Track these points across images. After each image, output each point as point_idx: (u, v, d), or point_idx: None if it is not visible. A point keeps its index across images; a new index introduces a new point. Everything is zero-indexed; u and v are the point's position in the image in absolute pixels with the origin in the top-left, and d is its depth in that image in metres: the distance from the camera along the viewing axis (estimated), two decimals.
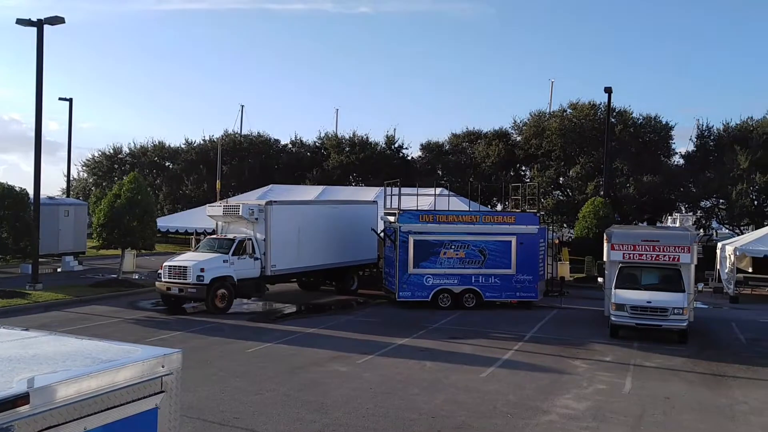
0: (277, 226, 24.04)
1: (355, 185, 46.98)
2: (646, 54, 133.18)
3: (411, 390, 13.65)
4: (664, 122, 42.63)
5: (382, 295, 26.49)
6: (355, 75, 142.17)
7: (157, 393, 3.79)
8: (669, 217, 46.96)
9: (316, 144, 52.17)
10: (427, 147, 49.16)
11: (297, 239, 24.98)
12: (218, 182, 40.44)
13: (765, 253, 28.69)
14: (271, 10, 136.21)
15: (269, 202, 24.49)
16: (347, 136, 50.20)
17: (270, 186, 40.36)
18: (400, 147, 49.68)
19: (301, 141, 53.07)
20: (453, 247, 24.20)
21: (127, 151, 56.14)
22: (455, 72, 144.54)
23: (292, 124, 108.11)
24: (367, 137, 49.34)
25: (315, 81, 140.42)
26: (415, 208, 25.77)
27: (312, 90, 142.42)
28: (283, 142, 53.86)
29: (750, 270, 33.22)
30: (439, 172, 46.85)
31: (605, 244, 21.47)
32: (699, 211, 43.95)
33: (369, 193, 35.40)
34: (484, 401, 13.02)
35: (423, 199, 28.56)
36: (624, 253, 20.63)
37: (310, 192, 38.13)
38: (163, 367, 3.86)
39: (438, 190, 31.81)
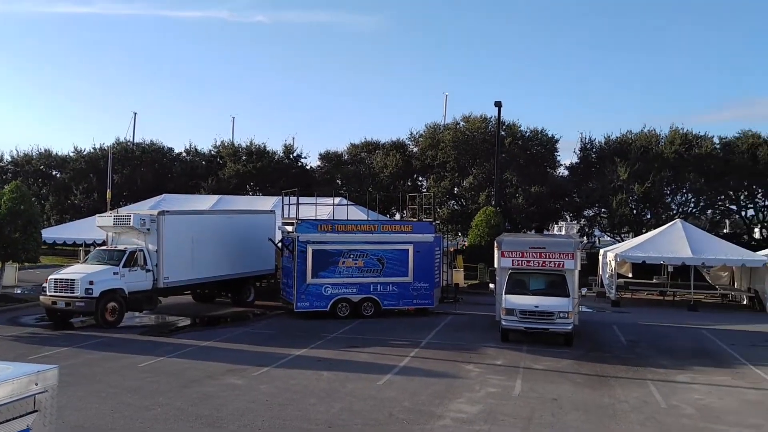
0: (170, 236, 23.39)
1: (253, 195, 46.39)
2: (535, 69, 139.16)
3: (307, 400, 13.61)
4: (549, 135, 44.63)
5: (279, 306, 26.24)
6: (252, 83, 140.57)
7: (30, 413, 3.60)
8: (555, 226, 49.12)
9: (212, 153, 51.11)
10: (325, 156, 49.25)
11: (191, 250, 24.37)
12: (109, 192, 38.88)
13: (643, 259, 30.52)
14: (165, 17, 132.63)
15: (162, 212, 23.80)
16: (244, 145, 49.51)
17: (163, 195, 39.12)
18: (299, 156, 49.54)
19: (196, 149, 51.87)
20: (352, 256, 24.34)
21: (9, 159, 52.92)
22: (354, 83, 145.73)
23: (186, 132, 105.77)
24: (264, 146, 48.92)
25: (211, 88, 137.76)
26: (314, 218, 25.73)
27: (208, 98, 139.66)
28: (177, 151, 52.48)
29: (630, 275, 35.37)
30: (338, 182, 46.97)
31: (496, 252, 22.22)
32: (583, 220, 46.18)
33: (266, 202, 35.03)
34: (381, 408, 13.16)
35: (322, 208, 28.53)
36: (513, 260, 21.44)
37: (206, 202, 37.27)
38: (36, 384, 3.68)
39: (337, 200, 31.88)
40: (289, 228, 25.07)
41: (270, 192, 42.82)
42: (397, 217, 42.73)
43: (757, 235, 45.32)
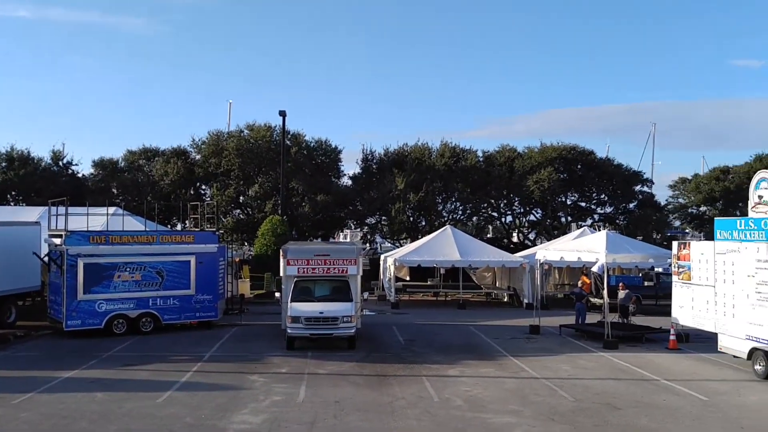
0: None
1: (15, 205, 42.04)
2: (319, 82, 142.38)
3: (78, 424, 12.70)
4: (333, 146, 45.91)
5: (47, 326, 24.07)
6: (10, 85, 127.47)
7: None
8: (341, 233, 50.57)
9: None
10: (100, 164, 46.08)
11: None
12: None
13: (419, 263, 32.65)
14: None
15: None
16: (4, 151, 44.73)
17: None
18: (69, 163, 45.82)
19: None
20: (128, 269, 23.13)
21: None
22: (129, 87, 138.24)
23: None
24: (28, 152, 44.56)
25: None
26: (86, 229, 24.02)
27: None
28: None
29: (408, 278, 37.58)
30: (114, 191, 44.23)
31: (282, 260, 22.45)
32: (365, 227, 48.15)
33: (31, 213, 31.93)
34: (161, 427, 12.68)
35: (94, 219, 26.70)
36: (299, 268, 21.82)
37: None
38: None
39: (112, 210, 30.00)
40: (57, 240, 23.19)
41: (36, 202, 39.05)
42: (179, 227, 41.23)
43: (515, 239, 50.52)
